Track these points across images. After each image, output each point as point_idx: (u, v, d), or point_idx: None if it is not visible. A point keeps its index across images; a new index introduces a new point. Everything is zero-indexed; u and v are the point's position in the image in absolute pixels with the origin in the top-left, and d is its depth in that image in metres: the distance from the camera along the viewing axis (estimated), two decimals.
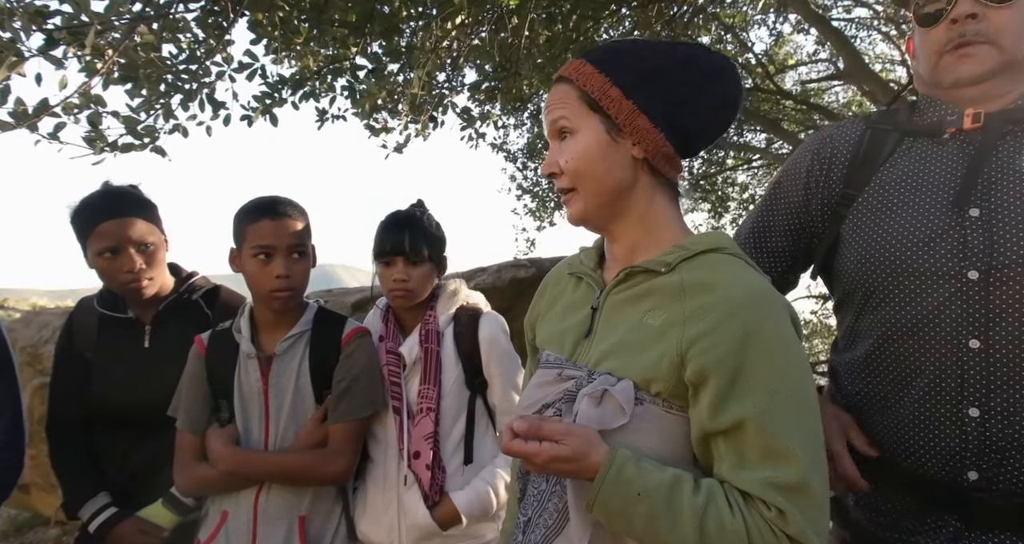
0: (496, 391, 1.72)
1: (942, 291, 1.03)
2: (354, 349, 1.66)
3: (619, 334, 0.95)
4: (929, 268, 1.04)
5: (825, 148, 1.24)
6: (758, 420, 0.82)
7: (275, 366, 1.62)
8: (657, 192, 1.00)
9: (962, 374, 1.02)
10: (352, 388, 1.62)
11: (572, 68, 1.00)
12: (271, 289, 1.58)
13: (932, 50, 1.11)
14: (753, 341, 0.84)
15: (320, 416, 1.62)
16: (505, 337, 1.75)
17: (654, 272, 0.95)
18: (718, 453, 0.87)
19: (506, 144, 10.40)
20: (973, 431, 1.01)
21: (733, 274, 0.91)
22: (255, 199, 1.63)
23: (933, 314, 1.04)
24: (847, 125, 1.26)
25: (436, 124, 4.03)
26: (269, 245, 1.56)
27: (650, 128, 0.95)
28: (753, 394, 0.83)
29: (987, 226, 1.02)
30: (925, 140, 1.15)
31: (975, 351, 1.01)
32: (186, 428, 1.63)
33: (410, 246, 1.67)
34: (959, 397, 1.02)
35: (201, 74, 3.03)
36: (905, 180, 1.13)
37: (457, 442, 1.69)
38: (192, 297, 1.85)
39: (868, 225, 1.14)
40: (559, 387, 0.97)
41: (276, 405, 1.61)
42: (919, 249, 1.06)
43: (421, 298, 1.73)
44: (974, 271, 1.01)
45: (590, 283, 1.07)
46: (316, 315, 1.71)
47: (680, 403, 0.90)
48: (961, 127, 1.09)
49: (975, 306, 1.01)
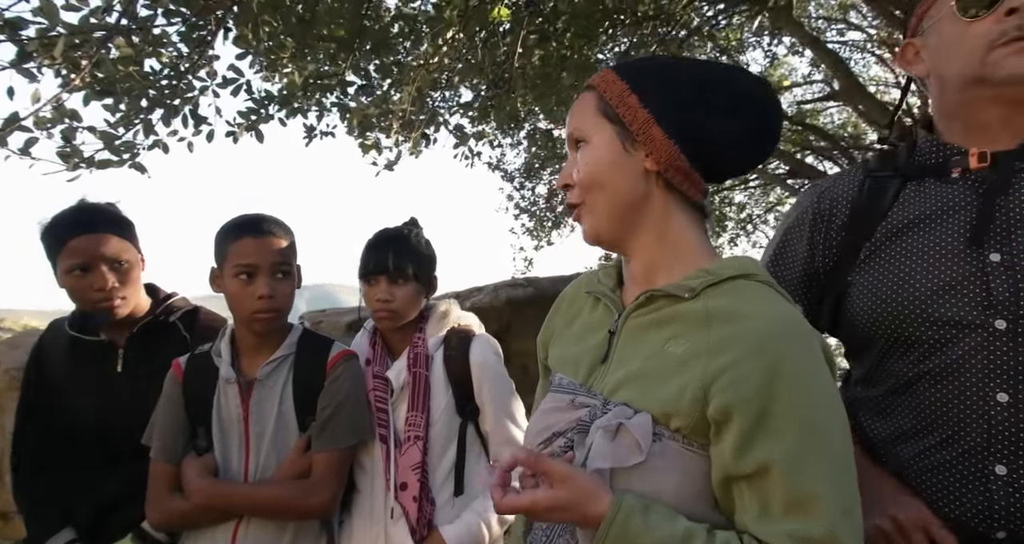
0: (488, 418, 1.63)
1: (968, 341, 0.97)
2: (340, 373, 1.58)
3: (637, 362, 0.89)
4: (953, 317, 0.98)
5: (824, 202, 1.19)
6: (784, 465, 0.76)
7: (256, 391, 1.54)
8: (675, 209, 0.94)
9: (989, 429, 0.96)
10: (337, 415, 1.54)
11: (599, 78, 0.96)
12: (253, 310, 1.50)
13: (979, 44, 0.99)
14: (782, 378, 0.78)
15: (303, 445, 1.53)
16: (498, 360, 1.67)
17: (677, 297, 0.89)
18: (740, 500, 0.80)
19: (503, 163, 10.43)
20: (1000, 490, 0.95)
21: (762, 304, 0.85)
22: (237, 217, 1.56)
23: (957, 364, 0.98)
24: (844, 176, 1.21)
25: (428, 142, 3.98)
26: (251, 264, 1.49)
27: (663, 139, 0.90)
28: (780, 436, 0.77)
29: (1011, 272, 0.96)
30: (931, 181, 1.09)
31: (1004, 405, 0.94)
32: (160, 457, 1.53)
33: (393, 265, 1.60)
34: (985, 453, 0.96)
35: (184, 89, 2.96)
36: (916, 224, 1.06)
37: (447, 472, 1.60)
38: (169, 319, 1.77)
39: (882, 273, 1.08)
40: (571, 415, 0.91)
41: (257, 433, 1.53)
42: (940, 297, 1.00)
43: (407, 319, 1.65)
44: (1001, 320, 0.95)
45: (608, 304, 1.00)
46: (301, 338, 1.62)
47: (701, 441, 0.83)
48: (967, 166, 1.03)
49: (1004, 358, 0.95)
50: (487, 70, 3.80)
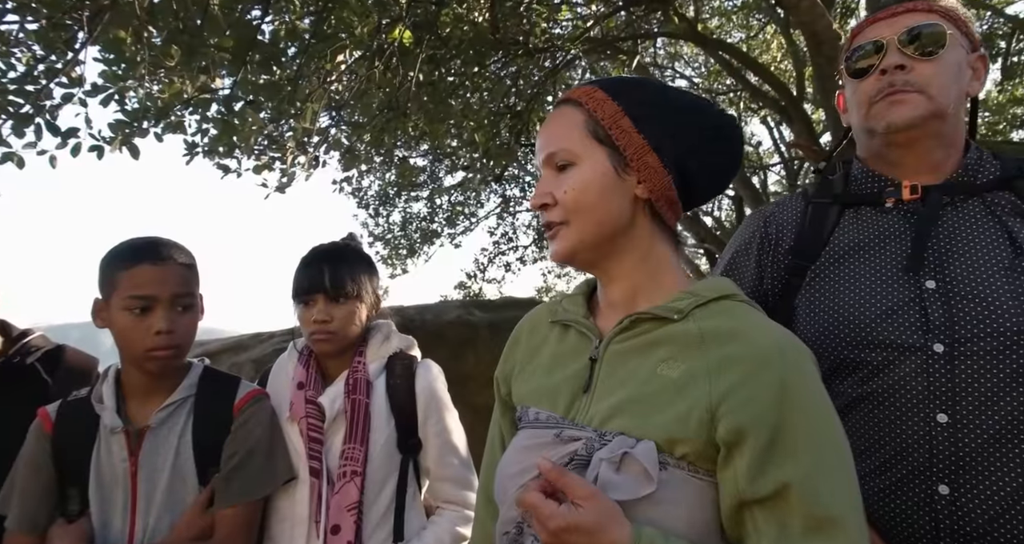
0: (432, 453, 1.51)
1: (908, 363, 1.02)
2: (249, 417, 1.41)
3: (629, 388, 0.85)
4: (894, 340, 1.03)
5: (771, 227, 1.25)
6: (803, 485, 0.74)
7: (148, 442, 1.33)
8: (656, 236, 0.93)
9: (931, 449, 1.00)
10: (247, 464, 1.37)
11: (583, 92, 0.92)
12: (149, 348, 1.30)
13: (863, 100, 1.15)
14: (790, 395, 0.77)
15: (205, 500, 1.34)
16: (445, 390, 1.56)
17: (664, 319, 0.87)
18: (754, 526, 0.77)
19: (359, 190, 10.24)
20: (944, 510, 0.98)
21: (755, 322, 0.85)
22: (130, 240, 1.36)
23: (899, 385, 1.03)
24: (786, 202, 1.28)
25: (319, 164, 3.79)
26: (148, 295, 1.30)
27: (659, 167, 0.89)
28: (795, 455, 0.75)
29: (946, 298, 1.03)
30: (867, 209, 1.17)
31: (944, 426, 0.99)
32: (20, 528, 1.29)
33: (331, 282, 1.46)
34: (928, 473, 0.99)
35: (43, 96, 2.61)
36: (857, 250, 1.14)
37: (383, 513, 1.44)
38: (26, 361, 1.53)
39: (827, 297, 1.13)
40: (561, 450, 0.85)
41: (146, 490, 1.32)
42: (882, 321, 1.05)
43: (348, 341, 1.51)
44: (939, 344, 1.01)
45: (583, 331, 0.96)
46: (202, 377, 1.44)
47: (707, 466, 0.80)
48: (901, 197, 1.13)
49: (942, 379, 1.00)
50: (383, 93, 3.71)
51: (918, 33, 1.09)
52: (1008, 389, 0.97)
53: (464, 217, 11.17)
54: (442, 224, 11.02)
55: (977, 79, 1.15)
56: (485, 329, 5.37)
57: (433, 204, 10.77)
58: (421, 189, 10.26)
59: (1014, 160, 1.13)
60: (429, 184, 10.10)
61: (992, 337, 0.98)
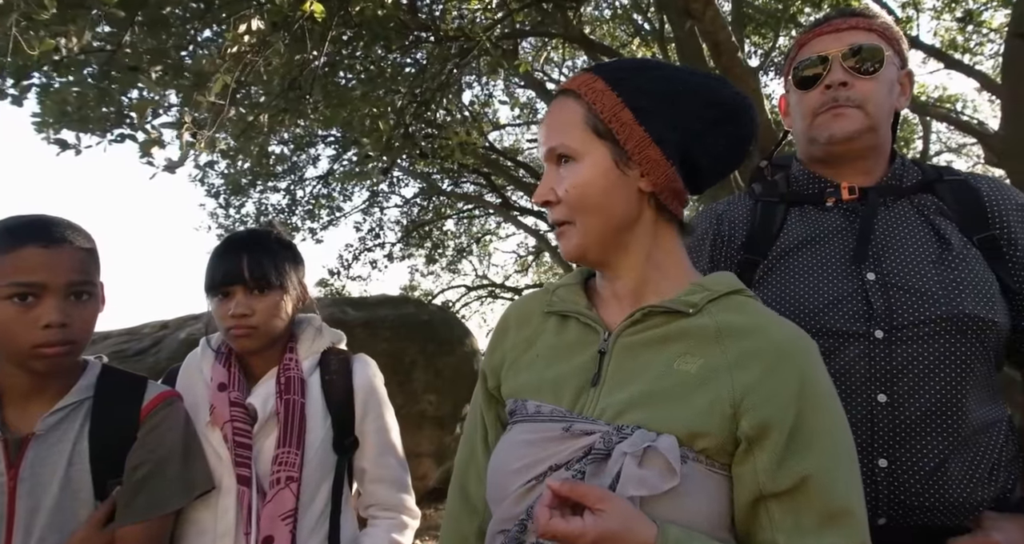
0: (369, 453, 1.41)
1: (852, 349, 1.10)
2: (160, 422, 1.25)
3: (643, 382, 0.84)
4: (840, 328, 1.12)
5: (723, 225, 1.31)
6: (821, 478, 0.77)
7: (33, 452, 1.15)
8: (662, 227, 0.92)
9: (872, 426, 1.08)
10: (156, 475, 1.21)
11: (581, 82, 0.89)
12: (36, 343, 1.11)
13: (808, 111, 1.24)
14: (808, 388, 0.80)
15: (103, 516, 1.17)
16: (382, 386, 1.46)
17: (677, 313, 0.86)
18: (769, 518, 0.79)
19: (207, 177, 9.47)
20: (883, 481, 1.07)
21: (767, 318, 0.87)
22: (12, 218, 1.16)
23: (844, 369, 1.11)
24: (735, 201, 1.35)
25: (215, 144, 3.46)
26: (36, 282, 1.11)
27: (662, 160, 0.87)
28: (813, 448, 0.78)
29: (885, 289, 1.12)
30: (810, 208, 1.26)
31: (883, 405, 1.08)
32: None
33: (251, 271, 1.32)
34: (870, 449, 1.08)
35: None
36: (803, 246, 1.22)
37: (317, 518, 1.33)
38: None
39: (778, 288, 1.20)
40: (573, 444, 0.82)
41: (28, 508, 1.14)
42: (828, 310, 1.13)
43: (272, 336, 1.37)
44: (880, 330, 1.10)
45: (588, 323, 0.93)
46: (100, 378, 1.25)
47: (724, 460, 0.81)
48: (840, 197, 1.22)
49: (881, 363, 1.09)
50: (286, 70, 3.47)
51: (859, 50, 1.18)
52: (937, 370, 1.07)
53: (330, 211, 10.44)
54: (303, 217, 10.17)
55: (904, 94, 1.26)
56: (360, 328, 5.15)
57: (293, 196, 9.98)
58: (280, 180, 9.54)
59: (931, 167, 1.27)
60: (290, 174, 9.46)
61: (924, 324, 1.08)
